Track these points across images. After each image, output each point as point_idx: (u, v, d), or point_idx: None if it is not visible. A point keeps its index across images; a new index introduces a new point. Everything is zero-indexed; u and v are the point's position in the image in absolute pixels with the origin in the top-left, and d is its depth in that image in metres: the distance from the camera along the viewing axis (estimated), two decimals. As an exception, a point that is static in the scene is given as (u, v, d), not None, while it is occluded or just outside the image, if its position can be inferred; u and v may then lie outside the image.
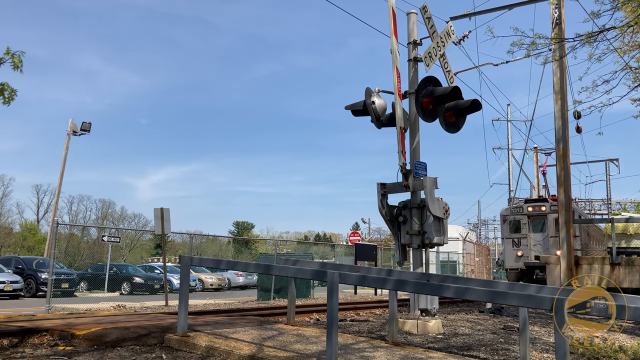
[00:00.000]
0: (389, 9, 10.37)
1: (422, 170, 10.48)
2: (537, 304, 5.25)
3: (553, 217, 21.81)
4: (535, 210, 22.67)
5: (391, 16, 10.32)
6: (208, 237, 70.57)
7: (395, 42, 10.31)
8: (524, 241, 22.68)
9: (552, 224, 22.06)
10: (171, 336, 7.39)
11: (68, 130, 32.83)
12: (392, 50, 10.28)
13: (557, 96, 15.79)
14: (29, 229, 62.69)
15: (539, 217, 22.59)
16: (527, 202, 23.63)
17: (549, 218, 22.38)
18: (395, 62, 10.28)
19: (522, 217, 23.03)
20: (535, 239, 22.51)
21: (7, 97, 6.38)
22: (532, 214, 22.67)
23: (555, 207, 21.67)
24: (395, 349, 7.26)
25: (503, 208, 24.43)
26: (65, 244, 53.50)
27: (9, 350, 6.96)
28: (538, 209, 22.60)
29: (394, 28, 10.35)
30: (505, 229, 23.60)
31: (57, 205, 34.85)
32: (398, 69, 10.30)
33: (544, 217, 22.54)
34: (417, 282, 6.55)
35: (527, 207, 22.95)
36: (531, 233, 22.53)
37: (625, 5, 9.87)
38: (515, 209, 23.45)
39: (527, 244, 22.51)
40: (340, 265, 10.05)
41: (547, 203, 22.73)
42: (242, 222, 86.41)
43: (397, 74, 10.25)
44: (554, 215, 21.63)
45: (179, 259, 9.35)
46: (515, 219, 23.11)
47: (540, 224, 22.59)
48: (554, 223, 21.65)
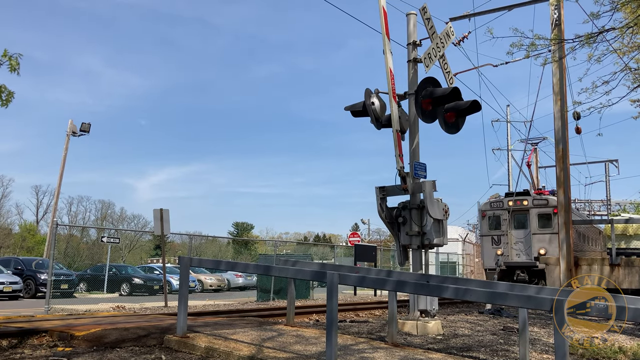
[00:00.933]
0: (380, 8, 10.19)
1: (421, 171, 10.49)
2: (537, 305, 5.25)
3: (536, 212, 20.52)
4: (517, 204, 20.91)
5: (382, 16, 10.15)
6: (207, 238, 70.49)
7: (388, 42, 10.14)
8: (504, 239, 20.97)
9: (534, 220, 20.59)
10: (171, 337, 7.39)
11: (67, 131, 32.83)
12: (385, 51, 10.16)
13: (557, 97, 15.80)
14: (28, 229, 62.63)
15: (521, 212, 20.90)
16: (508, 196, 21.71)
17: (531, 213, 20.70)
18: (388, 64, 10.15)
19: (502, 213, 21.18)
20: (517, 236, 20.85)
21: (4, 99, 6.39)
22: (514, 208, 20.92)
23: (538, 202, 20.55)
24: (394, 350, 7.26)
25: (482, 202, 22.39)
26: (65, 245, 53.39)
27: (8, 351, 6.95)
28: (520, 203, 20.87)
29: (386, 29, 10.19)
30: (484, 226, 21.82)
31: (56, 206, 34.84)
32: (391, 70, 10.17)
33: (526, 212, 20.78)
34: (416, 283, 6.55)
35: (507, 202, 21.16)
36: (512, 230, 20.85)
37: (624, 7, 9.88)
38: (495, 204, 21.57)
39: (508, 242, 20.85)
40: (340, 266, 10.05)
41: (529, 197, 21.09)
42: (241, 223, 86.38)
43: (391, 76, 10.13)
44: (536, 210, 20.48)
45: (179, 260, 9.34)
46: (494, 214, 21.28)
47: (522, 219, 20.91)
48: (536, 219, 20.50)
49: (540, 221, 20.44)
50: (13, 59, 6.24)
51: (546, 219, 20.25)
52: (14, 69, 6.25)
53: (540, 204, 20.56)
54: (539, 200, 20.89)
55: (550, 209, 20.05)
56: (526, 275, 19.97)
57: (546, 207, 20.34)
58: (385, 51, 10.10)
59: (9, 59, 6.23)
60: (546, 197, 21.14)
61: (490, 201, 21.90)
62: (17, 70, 6.27)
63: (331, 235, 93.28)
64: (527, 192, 21.82)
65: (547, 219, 20.15)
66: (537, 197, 21.21)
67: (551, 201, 20.16)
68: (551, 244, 19.81)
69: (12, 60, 6.23)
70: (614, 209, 43.94)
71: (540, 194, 22.26)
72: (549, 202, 20.27)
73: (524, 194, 21.69)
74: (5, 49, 6.25)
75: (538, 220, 20.52)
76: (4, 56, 6.24)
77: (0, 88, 6.39)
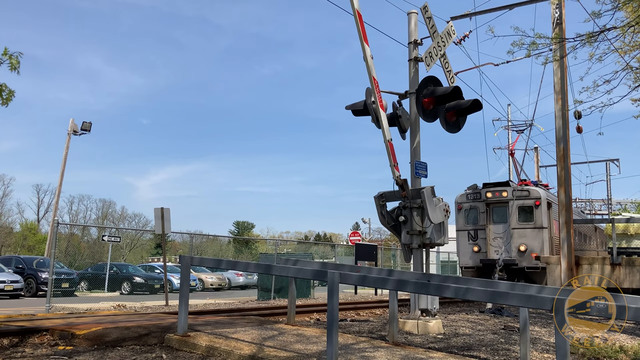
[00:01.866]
0: (354, 11, 9.28)
1: (422, 170, 10.49)
2: (538, 305, 5.24)
3: (516, 205, 18.79)
4: (496, 196, 19.07)
5: (357, 20, 9.30)
6: (208, 237, 70.59)
7: (368, 48, 9.41)
8: (482, 234, 19.18)
9: (515, 214, 18.80)
10: (171, 336, 7.39)
11: (68, 130, 32.85)
12: (365, 58, 9.43)
13: (558, 96, 15.78)
14: (29, 228, 62.74)
15: (500, 205, 19.08)
16: (486, 187, 19.63)
17: (511, 206, 18.91)
18: (371, 72, 9.51)
19: (479, 205, 19.33)
20: (496, 231, 19.05)
21: (4, 98, 6.40)
22: (492, 200, 19.10)
23: (519, 193, 18.91)
24: (395, 349, 7.26)
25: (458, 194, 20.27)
26: (66, 244, 53.49)
27: (9, 350, 6.96)
28: (499, 194, 19.03)
29: (363, 33, 9.37)
30: (460, 219, 19.96)
31: (57, 205, 34.87)
32: (375, 78, 9.57)
33: (506, 204, 18.97)
34: (417, 282, 6.55)
35: (485, 193, 19.27)
36: (490, 224, 19.12)
37: (626, 5, 9.86)
38: (472, 195, 19.64)
39: (485, 238, 19.10)
40: (341, 265, 10.04)
41: (509, 188, 19.21)
42: (242, 222, 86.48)
43: (375, 84, 9.56)
44: (517, 203, 18.78)
45: (179, 259, 9.35)
46: (471, 206, 19.39)
47: (502, 213, 19.09)
48: (516, 212, 18.76)
49: (521, 214, 18.84)
50: (13, 57, 6.25)
51: (528, 212, 18.69)
52: (14, 68, 6.25)
53: (521, 196, 18.93)
54: (519, 191, 19.16)
55: (532, 201, 18.64)
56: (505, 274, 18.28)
57: (527, 199, 18.77)
58: (365, 57, 9.44)
59: (9, 57, 6.24)
60: (528, 188, 19.52)
61: (466, 192, 20.01)
62: (17, 69, 6.27)
63: (332, 235, 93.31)
64: (507, 183, 19.88)
65: (529, 212, 18.61)
66: (517, 188, 19.46)
67: (533, 192, 18.86)
68: (533, 240, 18.44)
69: (13, 59, 6.24)
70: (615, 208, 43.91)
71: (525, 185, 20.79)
72: (530, 194, 18.83)
73: (503, 184, 19.71)
74: (5, 47, 6.25)
75: (519, 214, 18.86)
76: (4, 55, 6.24)
77: (1, 87, 6.39)
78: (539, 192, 18.98)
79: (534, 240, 18.43)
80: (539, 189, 19.62)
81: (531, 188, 19.37)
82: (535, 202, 18.54)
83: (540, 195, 18.82)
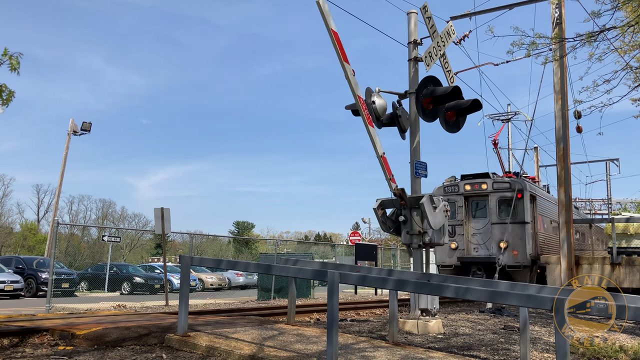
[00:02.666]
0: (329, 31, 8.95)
1: (422, 170, 10.49)
2: (538, 304, 5.25)
3: (496, 198, 17.48)
4: (475, 188, 17.80)
5: (334, 39, 9.00)
6: (208, 237, 70.62)
7: (348, 67, 9.14)
8: (460, 230, 17.94)
9: (495, 208, 17.48)
10: (171, 336, 7.39)
11: (68, 130, 32.86)
12: (347, 76, 9.21)
13: (558, 96, 15.79)
14: (29, 228, 62.75)
15: (479, 198, 17.80)
16: (464, 179, 18.29)
17: (491, 199, 17.59)
18: (355, 91, 9.32)
19: (457, 199, 17.90)
20: (475, 227, 17.88)
21: (5, 98, 6.40)
22: (471, 193, 17.84)
23: (499, 185, 17.58)
24: (395, 349, 7.26)
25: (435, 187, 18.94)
26: (66, 244, 53.48)
27: (9, 350, 6.96)
28: (478, 187, 17.77)
29: (342, 52, 9.07)
30: None
31: (57, 205, 34.87)
32: (361, 97, 9.41)
33: (485, 197, 17.67)
34: (417, 282, 6.55)
35: (464, 185, 17.99)
36: (469, 219, 18.00)
37: (625, 5, 9.87)
38: (450, 188, 18.27)
39: (464, 234, 17.88)
40: (341, 265, 10.05)
41: (488, 179, 17.82)
42: (242, 222, 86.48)
43: (361, 102, 9.35)
44: (497, 196, 17.47)
45: (179, 259, 9.35)
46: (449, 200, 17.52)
47: (481, 207, 17.83)
48: (497, 206, 17.47)
49: (502, 208, 17.53)
50: (13, 58, 6.24)
51: (508, 206, 17.35)
52: (14, 69, 6.25)
53: (502, 188, 17.56)
54: (500, 183, 17.75)
55: (513, 193, 17.22)
56: (483, 273, 17.17)
57: (508, 191, 17.40)
58: (347, 76, 9.24)
59: (9, 58, 6.24)
60: (509, 179, 18.10)
61: (444, 185, 18.62)
62: (17, 70, 6.27)
63: (332, 234, 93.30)
64: (486, 174, 18.38)
65: (510, 206, 17.31)
66: (498, 180, 17.96)
67: (514, 184, 17.44)
68: (515, 236, 17.19)
69: (13, 60, 6.24)
70: (615, 208, 43.91)
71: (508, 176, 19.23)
72: (511, 186, 17.45)
73: (482, 175, 18.22)
74: (5, 47, 6.25)
75: (499, 208, 17.52)
76: (4, 55, 6.24)
77: (1, 87, 6.39)
78: (520, 183, 17.62)
79: (516, 237, 17.19)
80: (522, 180, 18.18)
81: (512, 179, 18.03)
82: (516, 195, 17.16)
83: (522, 187, 17.42)
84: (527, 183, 18.31)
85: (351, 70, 9.22)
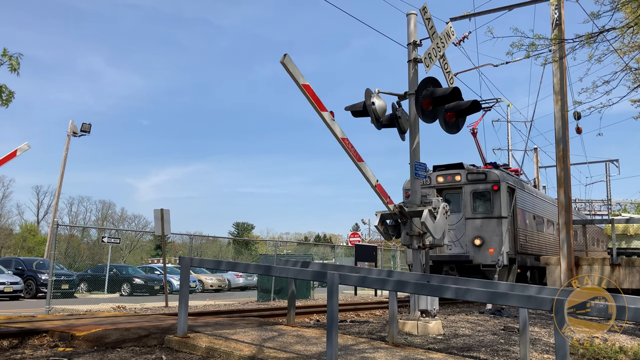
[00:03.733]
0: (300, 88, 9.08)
1: (421, 170, 10.49)
2: (538, 305, 5.25)
3: (471, 191, 16.26)
4: (448, 180, 16.63)
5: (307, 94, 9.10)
6: (208, 238, 70.60)
7: (326, 114, 9.21)
8: None
9: (469, 201, 16.21)
10: (171, 337, 7.39)
11: (68, 132, 32.84)
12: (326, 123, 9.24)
13: (557, 97, 15.79)
14: (29, 230, 62.70)
15: (453, 191, 16.56)
16: (437, 170, 17.08)
17: (465, 192, 16.35)
18: (337, 135, 9.45)
19: (429, 191, 16.42)
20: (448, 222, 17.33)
21: (4, 99, 6.41)
22: (444, 186, 16.65)
23: (474, 176, 16.35)
24: (395, 350, 7.26)
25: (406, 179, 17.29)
26: (65, 245, 53.45)
27: (9, 352, 6.95)
28: (451, 178, 16.62)
29: (317, 104, 9.18)
30: None
31: (57, 206, 34.80)
32: (345, 139, 9.52)
33: (459, 190, 16.42)
34: (417, 283, 6.55)
35: (436, 177, 16.75)
36: None
37: (625, 6, 9.89)
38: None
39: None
40: (341, 266, 10.05)
41: (462, 170, 16.56)
42: (242, 223, 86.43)
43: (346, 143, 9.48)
44: (472, 188, 16.26)
45: (179, 260, 9.34)
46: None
47: (455, 200, 16.51)
48: (471, 199, 16.25)
49: (477, 202, 16.36)
50: (13, 58, 6.25)
51: (484, 199, 16.27)
52: (14, 69, 6.26)
53: (477, 179, 16.33)
54: (474, 174, 16.48)
55: (490, 185, 16.02)
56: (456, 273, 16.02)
57: (484, 183, 16.22)
58: (326, 123, 9.31)
59: (9, 58, 6.25)
60: (485, 170, 16.86)
61: None
62: (17, 70, 6.28)
63: (332, 236, 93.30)
64: (459, 165, 17.05)
65: (486, 199, 16.19)
66: (472, 171, 16.64)
67: (490, 175, 16.22)
68: (491, 233, 15.93)
69: (13, 60, 6.25)
70: (615, 209, 43.93)
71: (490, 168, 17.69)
72: (487, 177, 16.25)
73: (455, 166, 16.86)
74: (4, 48, 6.26)
75: (473, 201, 16.30)
76: (3, 56, 6.25)
77: (1, 88, 6.40)
78: (497, 174, 16.37)
79: (492, 233, 15.93)
80: (499, 171, 16.97)
81: (489, 170, 16.82)
82: (492, 187, 15.97)
83: (498, 179, 16.19)
84: (505, 174, 17.25)
85: (329, 116, 9.26)
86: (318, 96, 9.10)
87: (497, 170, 17.11)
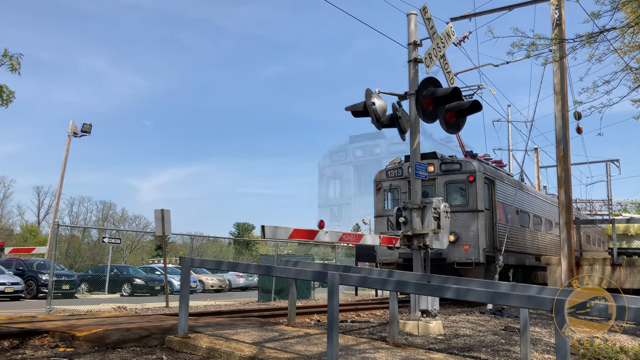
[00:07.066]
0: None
1: (422, 171, 10.49)
2: (538, 305, 5.25)
3: (444, 182, 15.22)
4: None
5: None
6: (209, 239, 70.60)
7: (323, 233, 9.94)
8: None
9: (443, 193, 15.12)
10: (172, 337, 7.39)
11: (69, 132, 32.87)
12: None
13: (558, 97, 15.79)
14: (29, 230, 62.78)
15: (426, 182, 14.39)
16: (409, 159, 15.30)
17: (438, 183, 15.27)
18: (336, 239, 10.21)
19: (401, 184, 15.43)
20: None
21: (5, 99, 6.41)
22: None
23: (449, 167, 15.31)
24: (396, 350, 7.26)
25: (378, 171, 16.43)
26: (66, 246, 53.51)
27: (9, 352, 6.96)
28: None
29: (308, 236, 9.85)
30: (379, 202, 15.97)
31: (57, 206, 34.88)
32: (342, 238, 10.25)
33: (432, 181, 15.20)
34: (417, 283, 6.55)
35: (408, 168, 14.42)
36: None
37: (625, 6, 9.89)
38: (393, 172, 15.87)
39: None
40: (341, 266, 10.05)
41: (436, 160, 15.37)
42: (242, 224, 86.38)
43: (345, 240, 10.21)
44: (446, 179, 15.21)
45: (180, 261, 9.35)
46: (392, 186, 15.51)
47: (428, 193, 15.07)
48: (445, 191, 15.16)
49: (451, 194, 15.32)
50: (14, 59, 6.26)
51: (459, 191, 15.32)
52: (14, 69, 6.27)
53: (452, 170, 15.29)
54: (449, 164, 15.39)
55: (465, 176, 15.02)
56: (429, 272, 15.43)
57: (459, 174, 15.19)
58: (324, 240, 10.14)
59: (9, 58, 6.25)
60: (460, 160, 15.75)
61: (387, 169, 16.13)
62: (17, 71, 6.28)
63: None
64: (433, 154, 15.74)
65: (461, 191, 15.26)
66: (446, 160, 15.50)
67: (466, 165, 15.19)
68: (466, 228, 14.86)
69: (13, 60, 6.26)
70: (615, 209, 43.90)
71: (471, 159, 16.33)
72: (462, 167, 15.22)
73: (429, 156, 15.33)
74: (5, 48, 6.27)
75: (447, 193, 15.23)
76: (4, 56, 6.26)
77: (1, 88, 6.41)
78: (473, 164, 15.35)
79: (466, 228, 14.92)
80: (476, 161, 15.90)
81: (464, 160, 15.83)
82: (468, 178, 15.00)
83: (474, 169, 15.19)
84: (483, 164, 16.14)
85: (323, 232, 9.90)
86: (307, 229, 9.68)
87: (475, 160, 16.10)
